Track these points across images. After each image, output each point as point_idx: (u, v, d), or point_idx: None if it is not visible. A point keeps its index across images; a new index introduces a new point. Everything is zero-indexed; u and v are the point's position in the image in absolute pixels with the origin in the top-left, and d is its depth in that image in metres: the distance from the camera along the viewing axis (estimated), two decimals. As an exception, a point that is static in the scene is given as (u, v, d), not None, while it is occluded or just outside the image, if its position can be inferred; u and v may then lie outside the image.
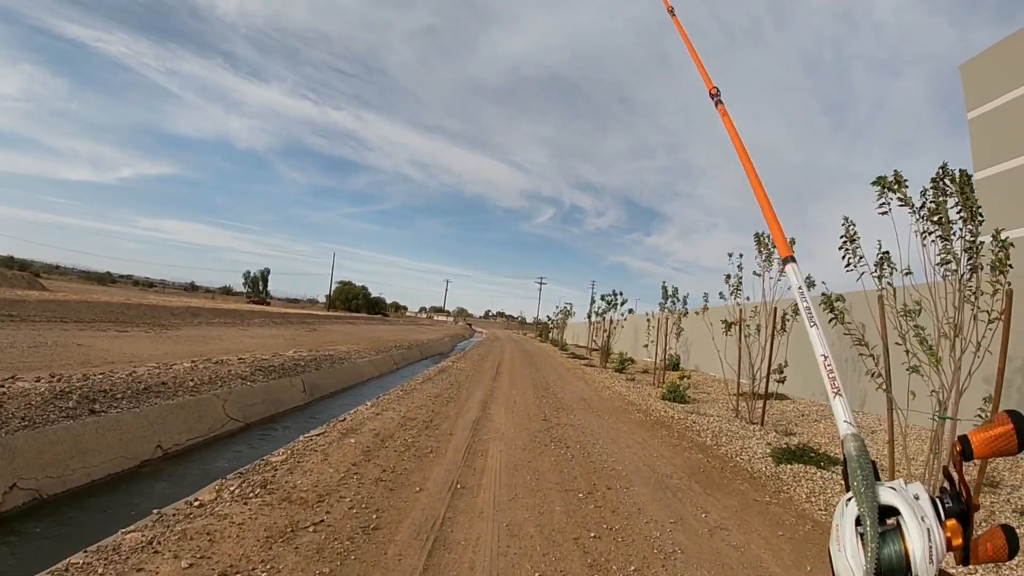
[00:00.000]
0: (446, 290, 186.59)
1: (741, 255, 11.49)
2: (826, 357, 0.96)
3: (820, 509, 5.55)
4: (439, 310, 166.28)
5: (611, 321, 24.66)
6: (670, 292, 17.62)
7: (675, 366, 22.17)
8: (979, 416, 5.47)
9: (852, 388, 11.64)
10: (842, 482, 0.93)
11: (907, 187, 5.53)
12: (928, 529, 0.69)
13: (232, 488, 4.96)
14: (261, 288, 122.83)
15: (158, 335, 16.46)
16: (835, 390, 0.93)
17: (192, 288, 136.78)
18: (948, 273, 5.46)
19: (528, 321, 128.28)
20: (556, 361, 25.53)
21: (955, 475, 0.77)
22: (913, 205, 5.51)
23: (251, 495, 4.78)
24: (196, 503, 4.67)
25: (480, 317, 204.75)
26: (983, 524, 5.15)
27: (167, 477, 6.62)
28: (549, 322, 60.41)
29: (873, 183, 5.67)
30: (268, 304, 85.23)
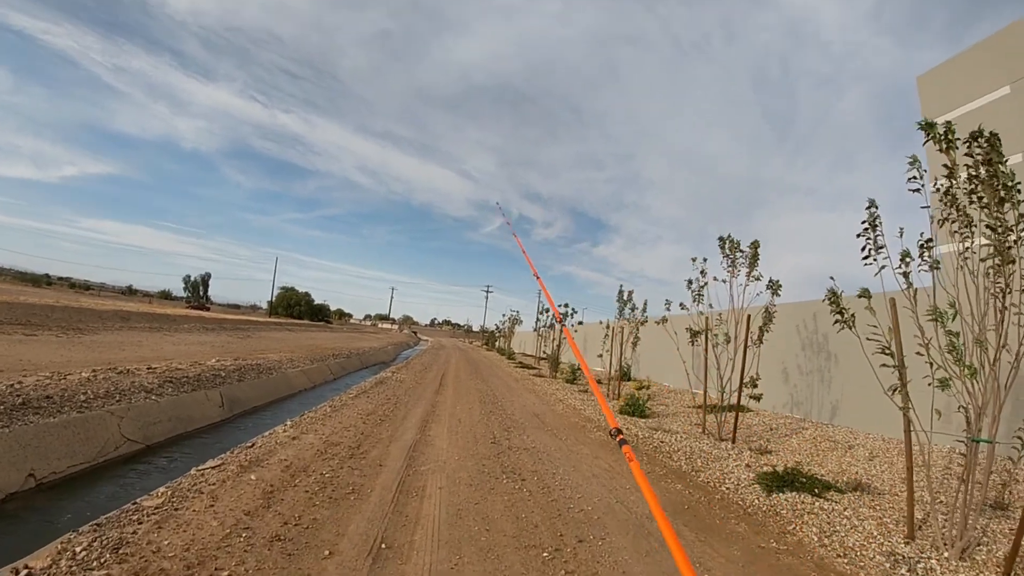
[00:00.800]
0: (391, 298, 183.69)
1: (705, 259, 10.43)
2: None
3: (839, 555, 4.45)
4: (384, 318, 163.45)
5: (561, 333, 23.56)
6: (625, 297, 16.56)
7: (626, 376, 21.26)
8: (1018, 438, 4.45)
9: (820, 400, 11.03)
10: (848, 515, 0.96)
11: (957, 147, 4.45)
12: None
13: (78, 549, 3.60)
14: (201, 293, 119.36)
15: (70, 340, 14.72)
16: None
17: (130, 292, 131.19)
18: (992, 269, 4.42)
19: (475, 329, 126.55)
20: (504, 371, 24.31)
21: None
22: (957, 175, 4.43)
23: (95, 563, 3.42)
24: (24, 573, 3.30)
25: (426, 325, 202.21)
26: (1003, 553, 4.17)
27: (26, 520, 5.17)
28: (496, 330, 59.18)
29: (921, 126, 4.54)
30: (207, 309, 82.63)
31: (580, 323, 23.05)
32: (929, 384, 4.57)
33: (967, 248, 4.51)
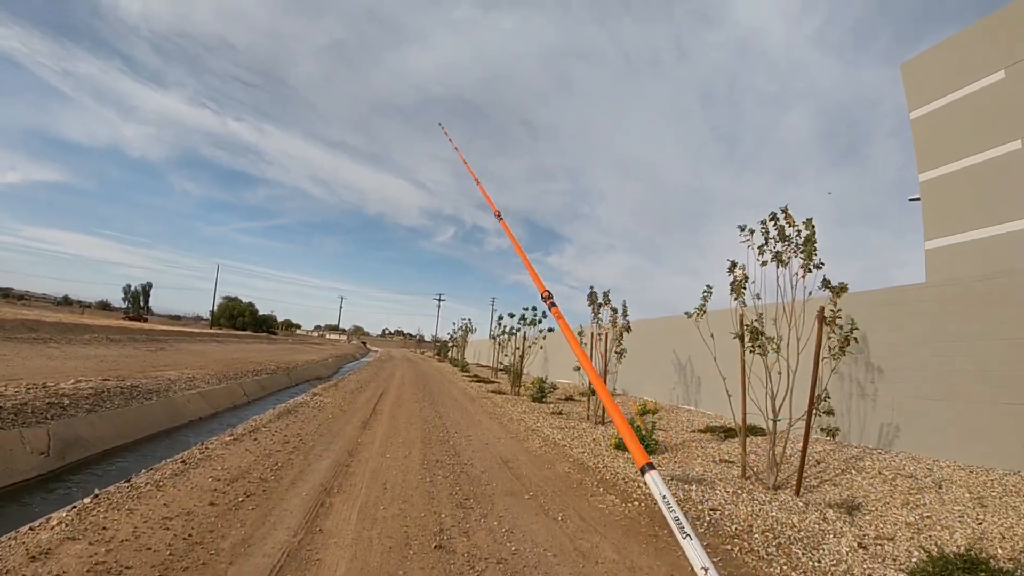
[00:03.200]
0: (340, 308, 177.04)
1: (752, 231, 7.15)
2: (707, 570, 0.91)
3: None
4: (334, 328, 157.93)
5: (524, 338, 20.04)
6: (600, 299, 13.11)
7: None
8: None
9: (862, 420, 8.51)
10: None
11: None
12: None
13: None
14: (142, 303, 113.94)
15: None
16: None
17: (67, 302, 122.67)
18: None
19: (427, 339, 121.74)
20: (457, 387, 20.71)
21: None
22: None
23: None
24: None
25: (377, 336, 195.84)
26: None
27: None
28: (448, 340, 55.63)
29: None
30: (145, 320, 77.92)
31: (550, 330, 19.50)
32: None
33: None
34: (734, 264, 7.24)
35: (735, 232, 7.13)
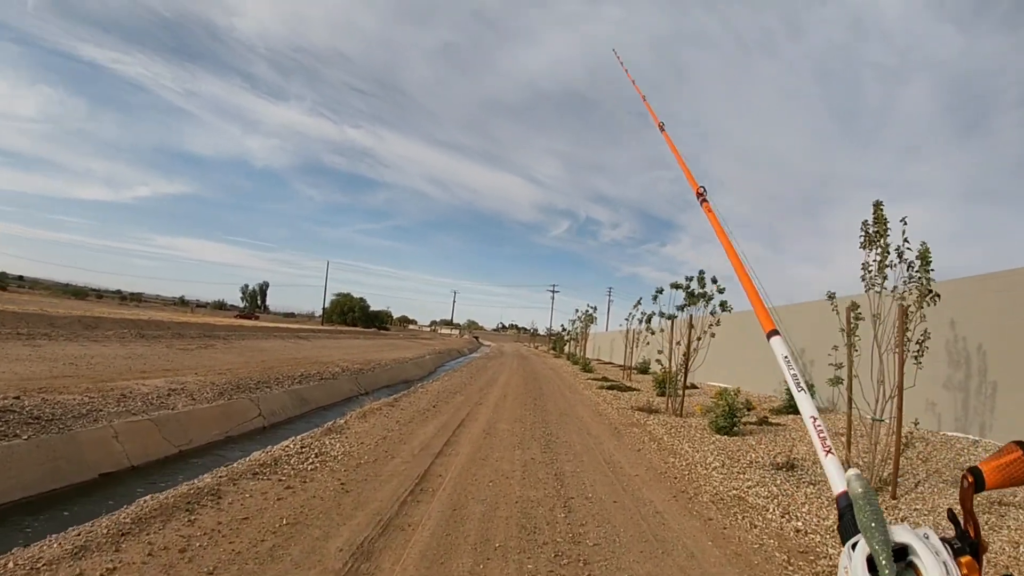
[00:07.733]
0: (453, 302, 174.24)
1: None
2: (815, 418, 0.92)
3: None
4: (448, 323, 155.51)
5: (690, 325, 12.68)
6: (871, 230, 6.36)
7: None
8: None
9: None
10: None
11: None
12: (944, 563, 0.63)
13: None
14: (259, 302, 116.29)
15: None
16: (826, 449, 0.88)
17: (181, 302, 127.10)
18: None
19: (540, 333, 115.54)
20: (583, 400, 14.26)
21: (962, 511, 0.75)
22: None
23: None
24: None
25: (492, 330, 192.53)
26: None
27: None
28: (564, 333, 48.94)
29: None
30: (256, 318, 77.75)
31: (723, 306, 12.22)
32: None
33: None
34: None
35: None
